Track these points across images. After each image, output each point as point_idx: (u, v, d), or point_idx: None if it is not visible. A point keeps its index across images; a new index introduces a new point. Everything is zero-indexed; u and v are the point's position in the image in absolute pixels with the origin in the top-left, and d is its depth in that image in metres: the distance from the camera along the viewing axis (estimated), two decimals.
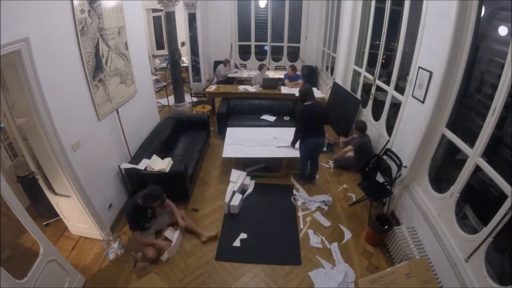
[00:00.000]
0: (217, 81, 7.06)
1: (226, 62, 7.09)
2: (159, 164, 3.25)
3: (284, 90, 5.58)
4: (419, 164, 2.80)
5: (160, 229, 3.00)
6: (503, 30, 2.12)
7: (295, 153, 3.73)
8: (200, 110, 5.48)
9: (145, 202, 2.62)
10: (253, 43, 8.19)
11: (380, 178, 3.35)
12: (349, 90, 5.04)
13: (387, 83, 3.71)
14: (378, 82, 4.02)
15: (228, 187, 3.52)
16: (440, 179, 2.70)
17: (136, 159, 3.40)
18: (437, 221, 2.42)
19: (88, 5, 2.56)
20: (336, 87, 5.33)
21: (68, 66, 2.39)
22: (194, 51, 7.03)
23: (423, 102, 2.68)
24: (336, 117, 4.97)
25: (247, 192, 3.61)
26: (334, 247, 2.90)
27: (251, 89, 5.53)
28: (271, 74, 6.99)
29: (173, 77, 5.73)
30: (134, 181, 3.39)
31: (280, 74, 6.77)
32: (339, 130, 4.91)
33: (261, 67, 6.07)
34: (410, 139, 2.83)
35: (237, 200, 3.35)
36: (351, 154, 4.06)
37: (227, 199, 3.31)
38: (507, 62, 1.82)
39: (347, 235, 3.06)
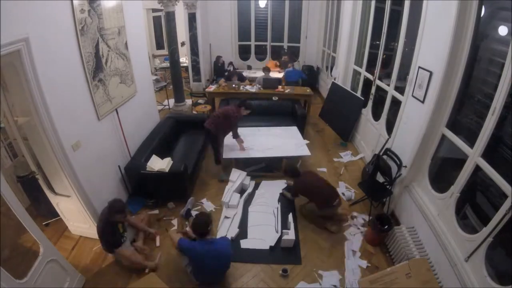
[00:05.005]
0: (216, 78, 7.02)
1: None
2: (159, 164, 3.25)
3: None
4: (419, 164, 2.80)
5: (132, 238, 2.85)
6: (503, 30, 2.12)
7: (295, 152, 3.74)
8: (200, 110, 5.48)
9: (116, 215, 2.48)
10: (253, 43, 8.19)
11: (380, 178, 3.35)
12: (350, 90, 5.04)
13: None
14: (378, 82, 4.02)
15: (226, 186, 3.52)
16: (440, 178, 2.70)
17: (135, 159, 3.41)
18: (437, 221, 2.42)
19: (88, 5, 2.56)
20: (335, 87, 5.33)
21: (68, 66, 2.39)
22: (194, 51, 7.03)
23: (423, 102, 2.68)
24: (336, 118, 4.97)
25: (247, 192, 3.61)
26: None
27: (252, 89, 5.53)
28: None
29: (173, 77, 5.73)
30: (134, 181, 3.39)
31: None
32: (340, 132, 4.90)
33: (265, 70, 6.02)
34: (410, 139, 2.83)
35: (235, 199, 3.35)
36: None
37: (225, 198, 3.32)
38: (507, 62, 1.82)
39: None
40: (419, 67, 2.72)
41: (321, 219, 3.12)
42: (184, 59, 7.79)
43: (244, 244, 2.91)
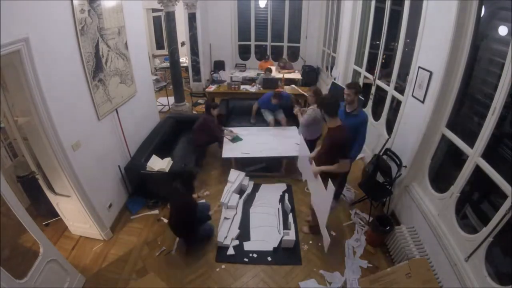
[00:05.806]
0: None
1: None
2: (159, 164, 3.25)
3: None
4: (419, 164, 2.80)
5: None
6: (503, 30, 2.12)
7: (294, 152, 3.74)
8: (200, 110, 5.48)
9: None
10: (253, 43, 8.18)
11: (380, 178, 3.35)
12: None
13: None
14: (378, 82, 4.02)
15: (225, 187, 3.52)
16: (440, 178, 2.70)
17: (135, 159, 3.41)
18: (437, 221, 2.42)
19: (88, 5, 2.56)
20: (335, 87, 5.31)
21: (68, 66, 2.39)
22: (194, 51, 7.03)
23: (423, 102, 2.68)
24: None
25: (246, 192, 3.61)
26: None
27: (251, 89, 5.53)
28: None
29: (173, 77, 5.73)
30: (134, 181, 3.39)
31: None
32: None
33: (267, 70, 6.06)
34: (410, 139, 2.83)
35: (234, 200, 3.34)
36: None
37: (224, 199, 3.31)
38: (507, 62, 1.82)
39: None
40: (419, 67, 2.72)
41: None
42: (184, 59, 7.79)
43: (247, 246, 2.91)
